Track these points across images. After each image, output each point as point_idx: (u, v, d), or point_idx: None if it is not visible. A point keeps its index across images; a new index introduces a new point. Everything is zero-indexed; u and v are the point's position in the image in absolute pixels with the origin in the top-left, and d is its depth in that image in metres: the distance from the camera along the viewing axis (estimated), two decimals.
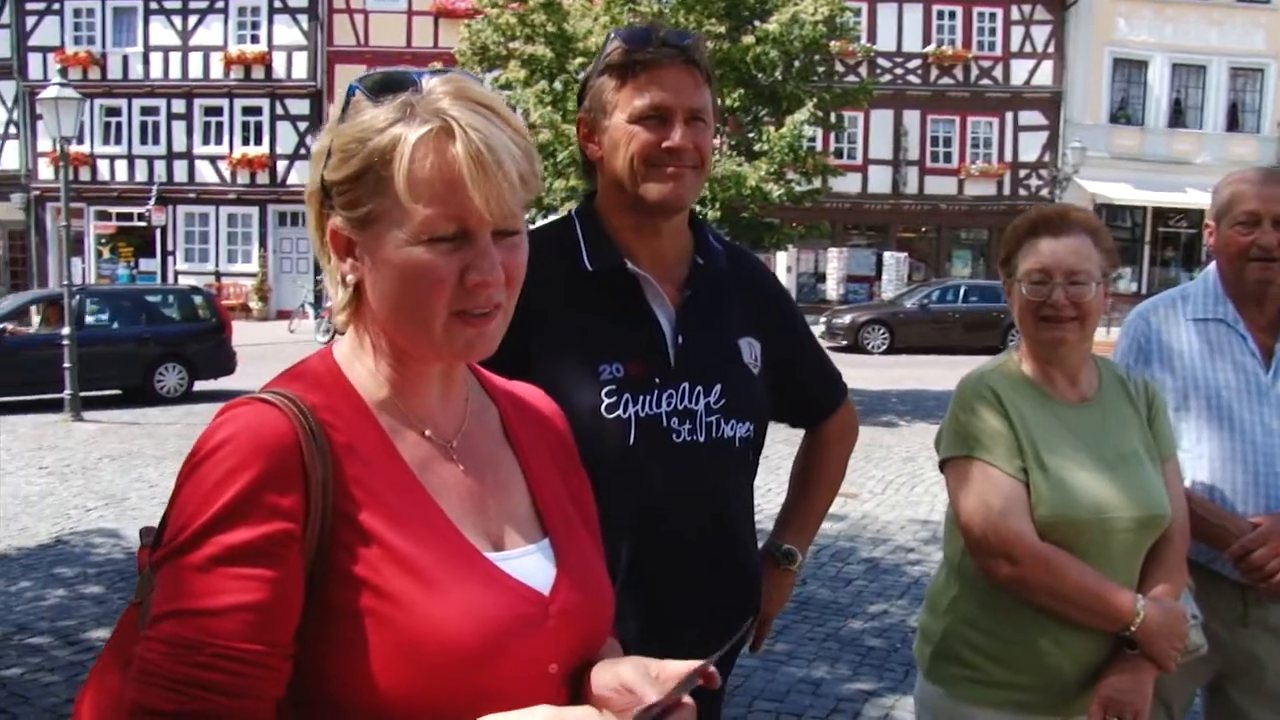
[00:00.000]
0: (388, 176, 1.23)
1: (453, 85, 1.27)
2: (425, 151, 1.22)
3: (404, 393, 1.34)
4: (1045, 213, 2.46)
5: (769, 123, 16.33)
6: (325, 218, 1.31)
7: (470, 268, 1.24)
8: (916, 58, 33.64)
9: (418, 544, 1.25)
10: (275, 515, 1.18)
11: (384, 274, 1.26)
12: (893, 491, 9.83)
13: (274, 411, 1.24)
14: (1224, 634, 2.82)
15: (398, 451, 1.31)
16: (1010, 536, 2.27)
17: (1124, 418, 2.46)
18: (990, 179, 34.05)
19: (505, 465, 1.44)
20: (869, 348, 24.77)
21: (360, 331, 1.35)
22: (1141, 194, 33.27)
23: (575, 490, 1.53)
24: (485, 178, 1.22)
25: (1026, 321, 2.41)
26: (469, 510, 1.34)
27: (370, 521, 1.24)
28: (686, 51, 2.06)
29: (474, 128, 1.23)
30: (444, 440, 1.37)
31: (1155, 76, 34.95)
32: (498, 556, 1.32)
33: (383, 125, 1.24)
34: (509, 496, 1.41)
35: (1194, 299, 2.94)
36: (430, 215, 1.22)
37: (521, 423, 1.50)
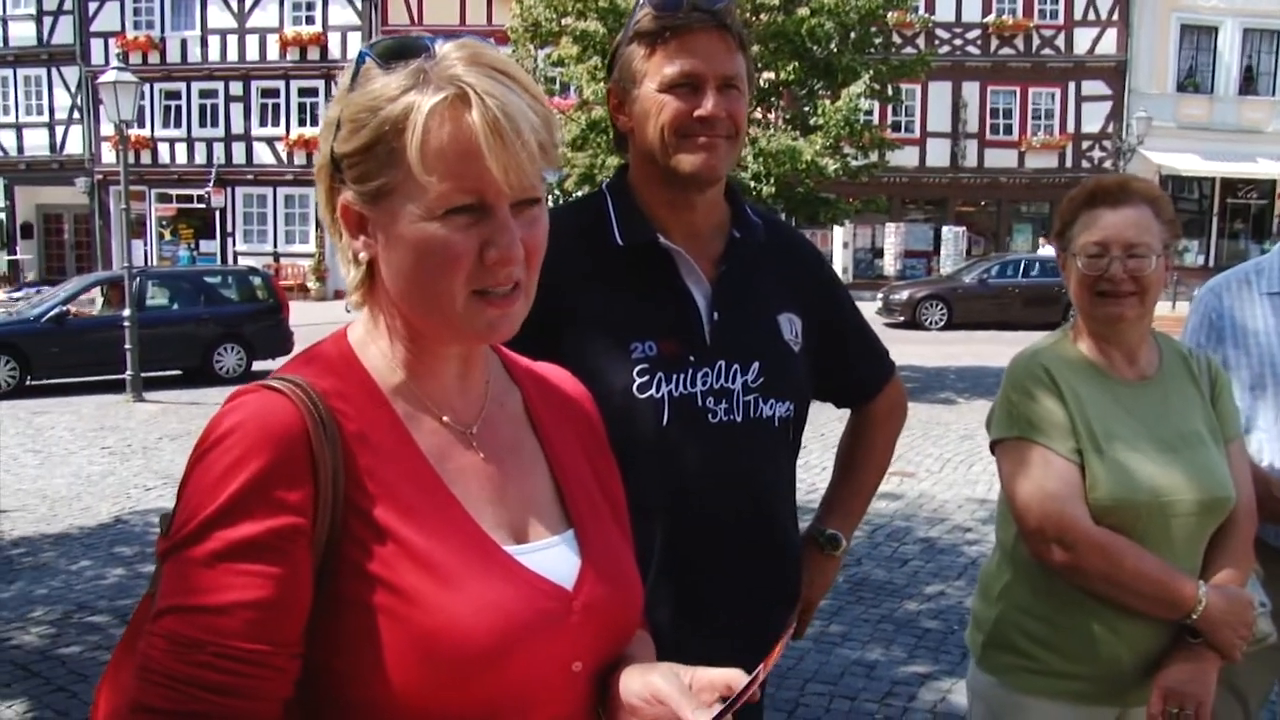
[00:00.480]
0: (400, 147, 1.16)
1: (467, 51, 1.20)
2: (440, 120, 1.15)
3: (420, 376, 1.28)
4: (1103, 182, 2.35)
5: (824, 96, 16.11)
6: (335, 192, 1.25)
7: (489, 243, 1.18)
8: (976, 28, 33.10)
9: (433, 538, 1.19)
10: (282, 509, 1.13)
11: (398, 251, 1.20)
12: (950, 470, 9.69)
13: (282, 399, 1.18)
14: None
15: (413, 439, 1.25)
16: (1065, 522, 2.18)
17: (1186, 397, 2.36)
18: (1052, 151, 33.47)
19: (528, 452, 1.37)
20: (927, 324, 24.50)
21: (375, 312, 1.29)
22: (1210, 164, 32.54)
23: (603, 477, 1.46)
24: (503, 146, 1.15)
25: (1083, 297, 2.31)
26: (489, 500, 1.28)
27: (383, 515, 1.18)
28: (718, 15, 1.96)
29: (490, 94, 1.16)
30: (463, 426, 1.30)
31: (1225, 43, 34.04)
32: (519, 550, 1.26)
33: (395, 93, 1.17)
34: (532, 485, 1.34)
35: (1269, 272, 2.82)
36: (446, 188, 1.16)
37: (546, 406, 1.43)
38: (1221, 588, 2.21)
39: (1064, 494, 2.20)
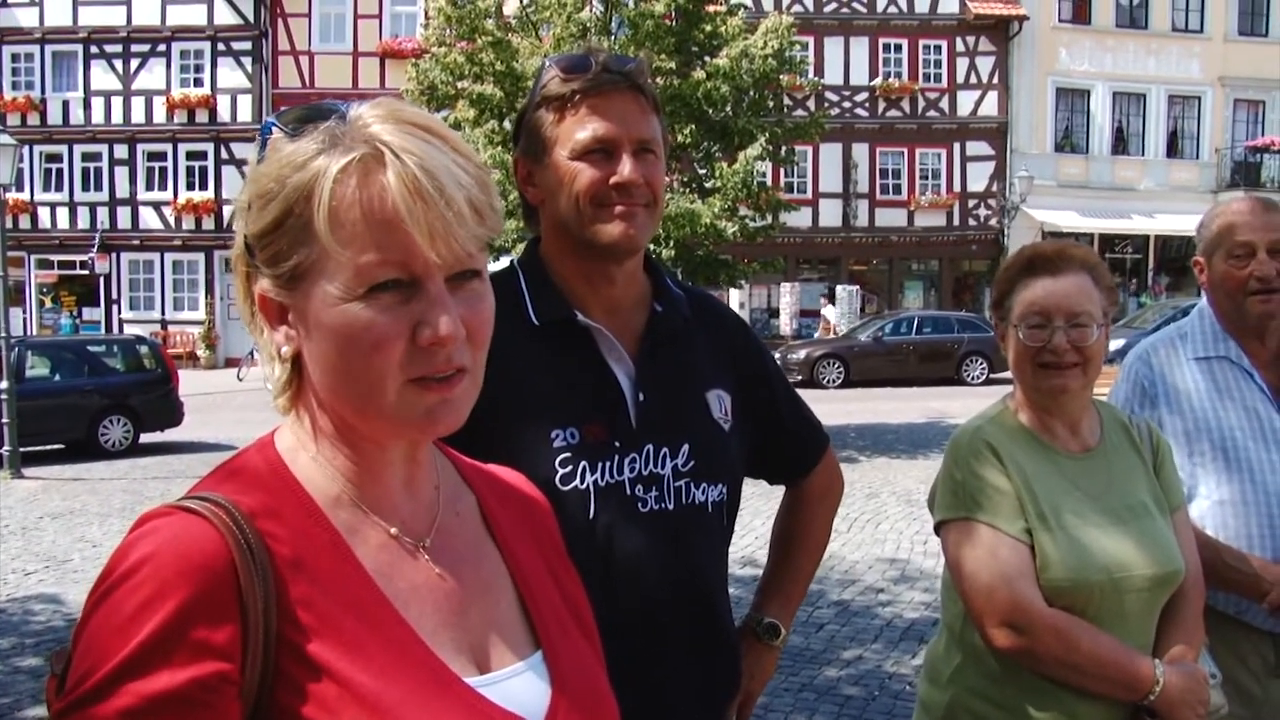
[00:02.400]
0: (310, 219, 1.03)
1: (384, 109, 1.08)
2: (349, 183, 1.02)
3: (361, 484, 1.12)
4: (1041, 250, 2.30)
5: (721, 159, 16.27)
6: (252, 281, 1.10)
7: (422, 323, 1.04)
8: (864, 91, 33.87)
9: (382, 675, 1.03)
10: (205, 653, 0.96)
11: (320, 339, 1.05)
12: (858, 530, 9.66)
13: (201, 523, 1.02)
14: (1254, 687, 2.71)
15: (356, 559, 1.09)
16: (1018, 605, 2.10)
17: (1130, 466, 2.31)
18: (940, 210, 34.26)
19: (489, 564, 1.22)
20: (824, 382, 24.72)
21: (304, 414, 1.14)
22: (1088, 221, 33.64)
23: (566, 588, 1.31)
24: (427, 209, 1.02)
25: (1024, 369, 2.25)
26: (446, 624, 1.12)
27: (322, 652, 1.02)
28: (630, 77, 1.85)
29: (408, 150, 1.03)
30: (414, 539, 1.15)
31: (1097, 105, 35.50)
32: (481, 681, 1.11)
33: (303, 159, 1.04)
34: (495, 602, 1.19)
35: (1192, 337, 2.82)
36: (366, 261, 1.02)
37: (503, 511, 1.28)
38: (1177, 665, 2.15)
39: (1014, 575, 2.13)
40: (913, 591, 7.56)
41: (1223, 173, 35.23)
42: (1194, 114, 36.63)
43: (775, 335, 31.42)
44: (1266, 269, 2.66)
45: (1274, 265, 2.67)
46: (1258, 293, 2.68)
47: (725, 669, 2.03)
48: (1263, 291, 2.67)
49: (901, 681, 5.74)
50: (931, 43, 34.23)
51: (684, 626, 1.91)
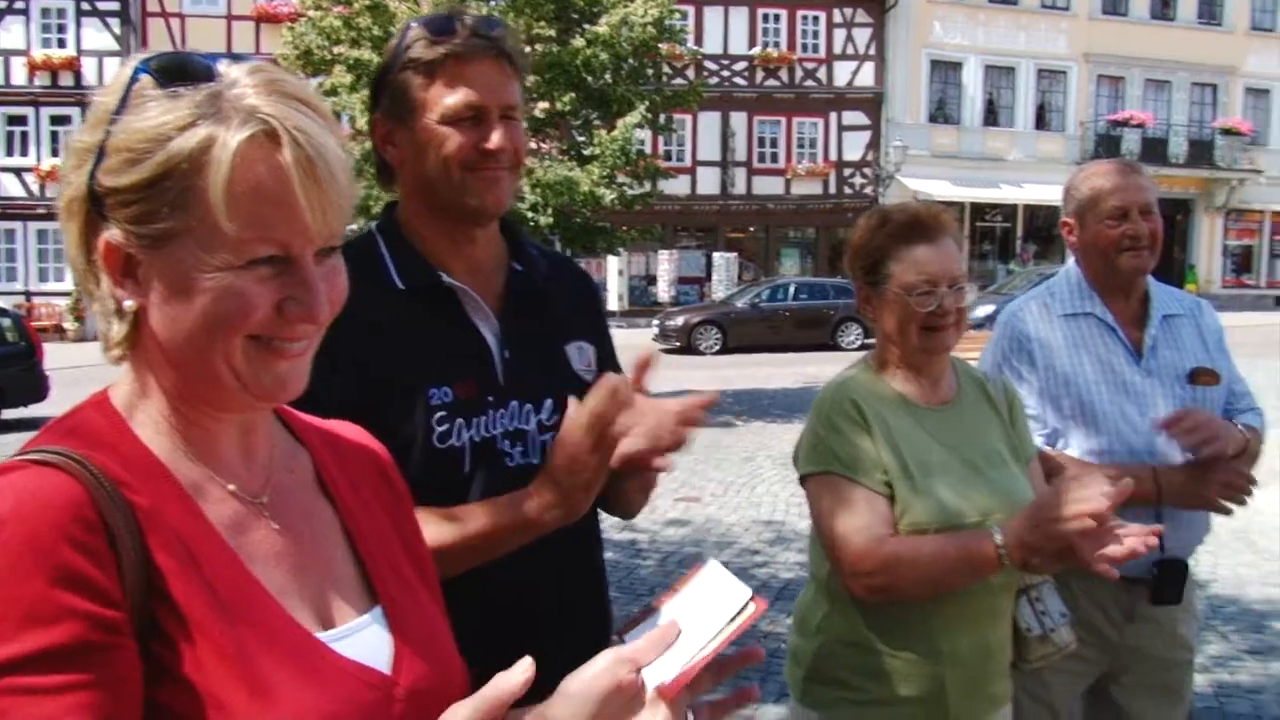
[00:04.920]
0: (197, 188, 1.01)
1: (263, 77, 1.07)
2: (248, 160, 1.01)
3: (198, 441, 1.11)
4: (916, 216, 2.37)
5: (600, 126, 16.30)
6: (93, 230, 1.06)
7: (292, 299, 1.05)
8: (743, 60, 34.16)
9: (242, 631, 1.03)
10: (90, 602, 0.94)
11: (183, 303, 1.04)
12: (734, 493, 9.85)
13: (58, 475, 0.98)
14: (1111, 632, 2.89)
15: (205, 516, 1.08)
16: (875, 551, 2.19)
17: (986, 419, 2.44)
18: (816, 178, 34.80)
19: (324, 521, 1.22)
20: (702, 349, 24.98)
21: (142, 371, 1.12)
22: (960, 190, 34.52)
23: (409, 541, 1.31)
24: (318, 191, 1.04)
25: (909, 331, 2.33)
26: (290, 581, 1.12)
27: (189, 604, 1.01)
28: (498, 43, 1.87)
29: (302, 131, 1.03)
30: (251, 496, 1.14)
31: (970, 77, 36.41)
32: (330, 636, 1.11)
33: (185, 123, 1.02)
34: (331, 559, 1.19)
35: (1060, 296, 2.99)
36: (251, 236, 1.02)
37: (341, 468, 1.28)
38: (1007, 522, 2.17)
39: (874, 525, 2.22)
40: (788, 552, 7.74)
41: (1087, 145, 36.39)
42: (1060, 88, 37.81)
43: (654, 302, 31.61)
44: (1138, 228, 2.84)
45: (1146, 224, 2.85)
46: (1129, 249, 2.86)
47: (595, 612, 2.08)
48: (1134, 249, 2.86)
49: (777, 640, 5.87)
50: (809, 14, 34.64)
51: (554, 576, 1.95)
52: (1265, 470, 9.52)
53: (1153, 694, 2.95)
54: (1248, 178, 39.42)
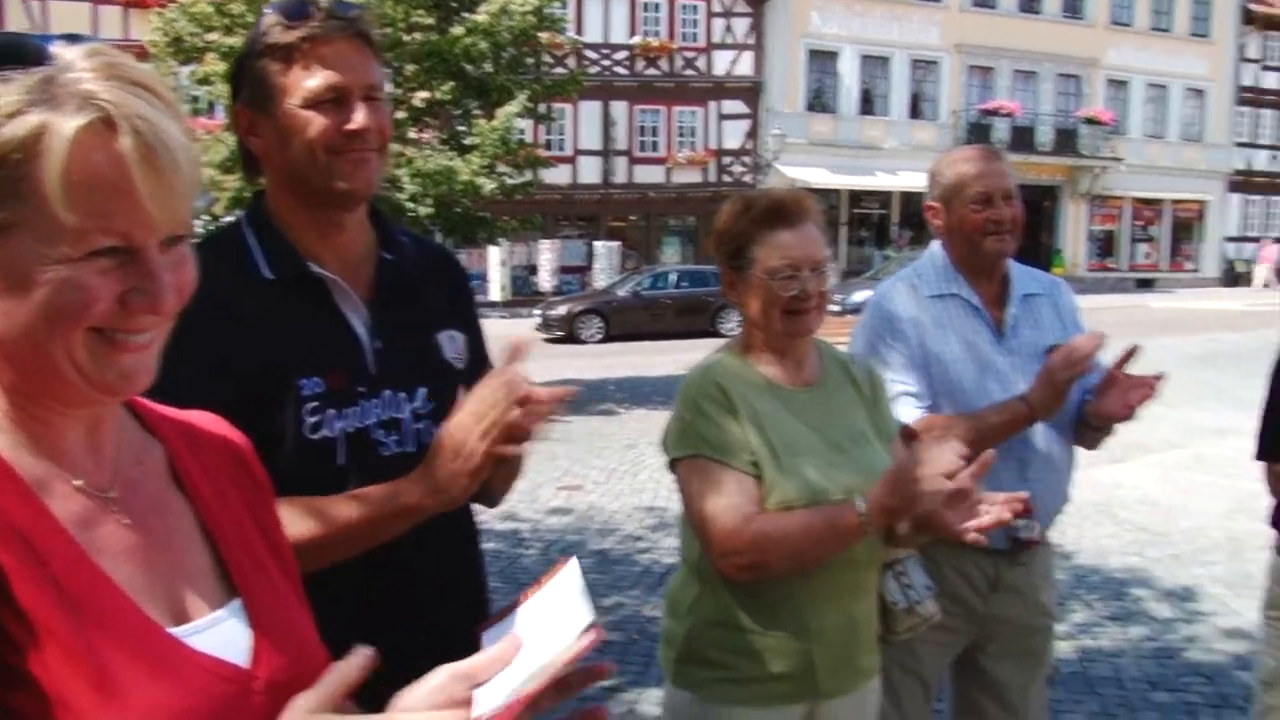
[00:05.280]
0: (28, 177, 0.96)
1: (101, 61, 1.01)
2: (84, 149, 0.97)
3: (40, 436, 1.07)
4: (779, 201, 2.41)
5: (480, 115, 16.19)
6: None
7: (136, 290, 1.02)
8: (623, 49, 34.22)
9: (88, 628, 0.99)
10: None
11: (18, 298, 0.99)
12: (616, 480, 9.90)
13: None
14: (977, 602, 3.00)
15: (49, 512, 1.04)
16: (742, 532, 2.23)
17: (848, 398, 2.49)
18: (696, 167, 35.07)
19: (177, 514, 1.18)
20: (584, 338, 25.01)
21: None
22: (837, 178, 35.15)
23: (270, 533, 1.29)
24: (159, 180, 0.99)
25: (772, 315, 2.37)
26: (142, 576, 1.08)
27: (35, 605, 0.97)
28: (355, 23, 1.85)
29: (141, 118, 0.99)
30: (99, 491, 1.10)
31: (846, 67, 37.05)
32: (183, 630, 1.08)
33: (14, 109, 0.97)
34: (185, 553, 1.16)
35: (926, 278, 3.08)
36: (90, 227, 0.98)
37: (196, 459, 1.24)
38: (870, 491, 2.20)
39: (741, 506, 2.25)
40: (671, 538, 7.76)
41: (959, 133, 37.30)
42: (933, 78, 38.74)
43: (536, 292, 31.56)
44: (1002, 213, 2.95)
45: (1008, 209, 2.96)
46: (993, 234, 2.96)
47: (472, 603, 2.07)
48: (996, 232, 2.96)
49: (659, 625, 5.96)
50: (689, 3, 34.87)
51: (432, 564, 1.96)
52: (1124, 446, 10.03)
53: (1017, 660, 3.07)
54: (1110, 165, 41.05)
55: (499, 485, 2.04)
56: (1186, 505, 8.82)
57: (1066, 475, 3.11)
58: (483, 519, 2.16)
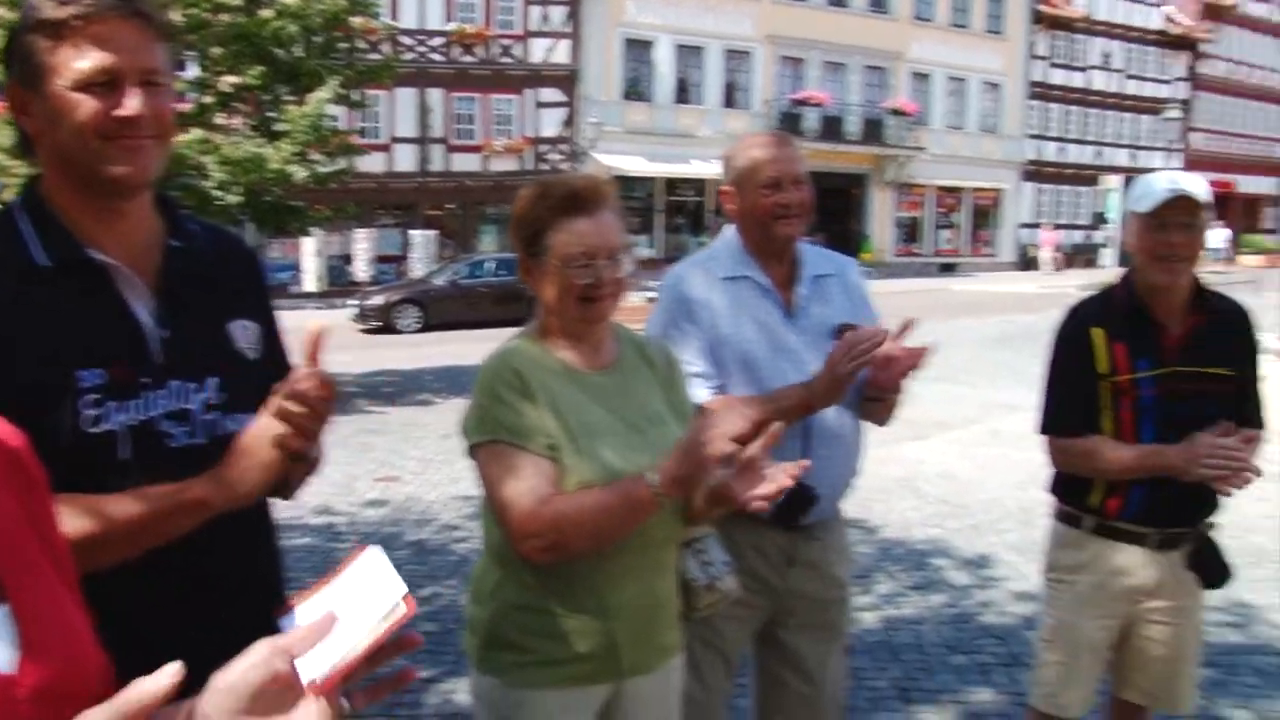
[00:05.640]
0: None
1: None
2: None
3: None
4: (575, 189, 2.40)
5: (290, 101, 15.80)
6: None
7: None
8: (439, 36, 33.83)
9: None
10: None
11: None
12: (433, 470, 9.84)
13: None
14: (774, 578, 3.09)
15: None
16: (542, 513, 2.25)
17: (645, 381, 2.53)
18: (513, 155, 34.91)
19: None
20: (401, 328, 24.69)
21: None
22: (653, 165, 35.55)
23: (46, 532, 1.21)
24: None
25: (567, 303, 2.39)
26: None
27: None
28: (132, 2, 1.76)
29: None
30: None
31: (662, 56, 37.45)
32: None
33: None
34: None
35: (720, 260, 3.14)
36: None
37: None
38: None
39: (541, 490, 2.27)
40: None
41: (771, 122, 38.04)
42: (746, 68, 39.51)
43: (351, 282, 31.01)
44: (791, 197, 3.02)
45: (797, 194, 3.03)
46: (782, 217, 3.03)
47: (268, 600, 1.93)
48: (786, 216, 3.03)
49: None
50: None
51: (224, 561, 1.91)
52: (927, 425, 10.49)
53: (814, 632, 3.18)
54: (914, 155, 42.66)
55: (294, 480, 2.00)
56: (984, 478, 9.26)
57: (855, 449, 3.20)
58: (297, 513, 2.16)
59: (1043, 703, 3.41)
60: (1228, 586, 3.31)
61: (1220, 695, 4.97)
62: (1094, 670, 3.37)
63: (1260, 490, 2.96)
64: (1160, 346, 3.16)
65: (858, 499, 8.00)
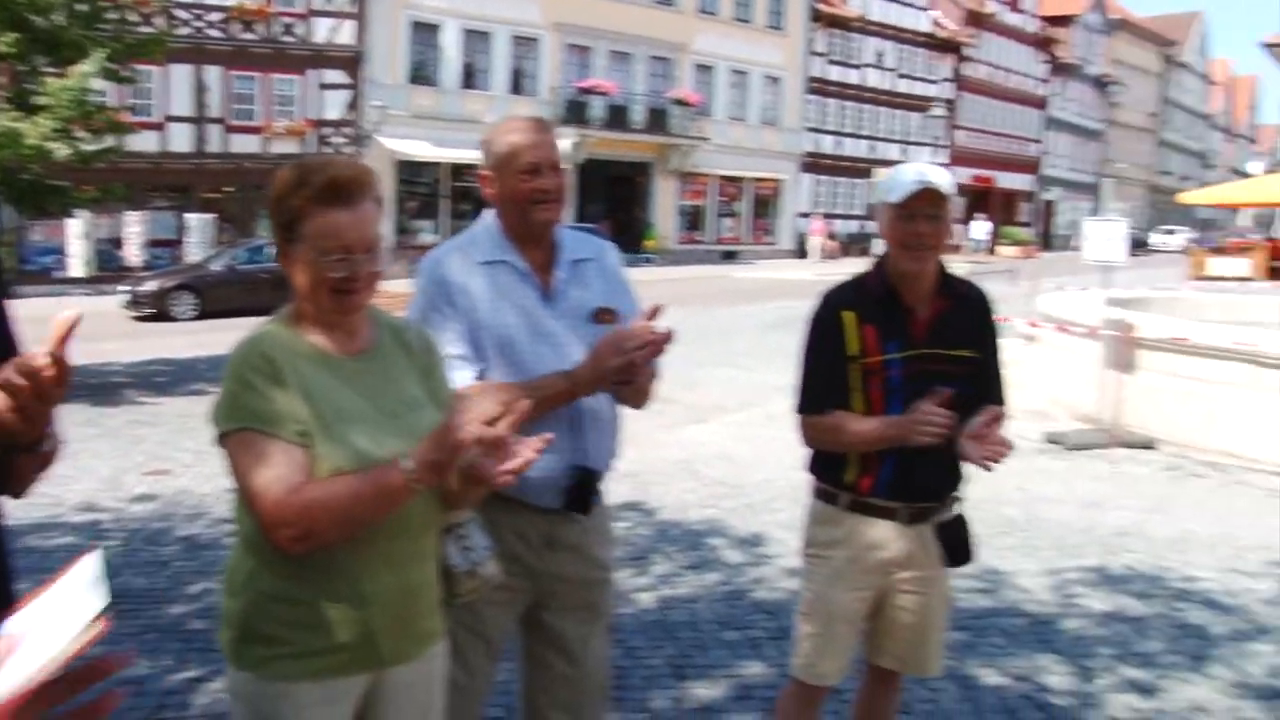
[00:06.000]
0: None
1: None
2: None
3: None
4: (335, 179, 2.33)
5: (50, 73, 14.95)
6: None
7: None
8: (217, 11, 32.53)
9: None
10: None
11: None
12: (207, 463, 9.36)
13: None
14: (533, 560, 3.11)
15: None
16: (293, 501, 2.21)
17: (402, 366, 2.50)
18: (295, 137, 33.92)
19: None
20: (176, 315, 23.75)
21: None
22: (440, 151, 35.11)
23: None
24: None
25: (321, 295, 2.34)
26: None
27: None
28: None
29: None
30: None
31: (448, 40, 37.03)
32: None
33: None
34: None
35: (479, 244, 3.14)
36: None
37: None
38: None
39: (291, 478, 2.23)
40: None
41: (557, 109, 38.22)
42: (534, 55, 39.50)
43: (123, 267, 29.62)
44: (549, 182, 3.04)
45: (553, 179, 3.05)
46: (540, 202, 3.05)
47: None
48: (544, 201, 3.05)
49: None
50: None
51: None
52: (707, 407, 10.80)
53: (577, 613, 3.22)
54: (697, 144, 43.56)
55: (25, 475, 1.94)
56: (759, 459, 9.53)
57: (612, 432, 3.24)
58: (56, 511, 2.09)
59: (802, 673, 3.54)
60: (976, 560, 3.53)
61: (969, 656, 5.29)
62: (850, 640, 3.52)
63: (1007, 464, 3.15)
64: (908, 330, 3.31)
65: (636, 482, 8.38)
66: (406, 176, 36.21)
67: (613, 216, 40.05)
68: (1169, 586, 6.56)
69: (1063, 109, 70.21)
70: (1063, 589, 6.44)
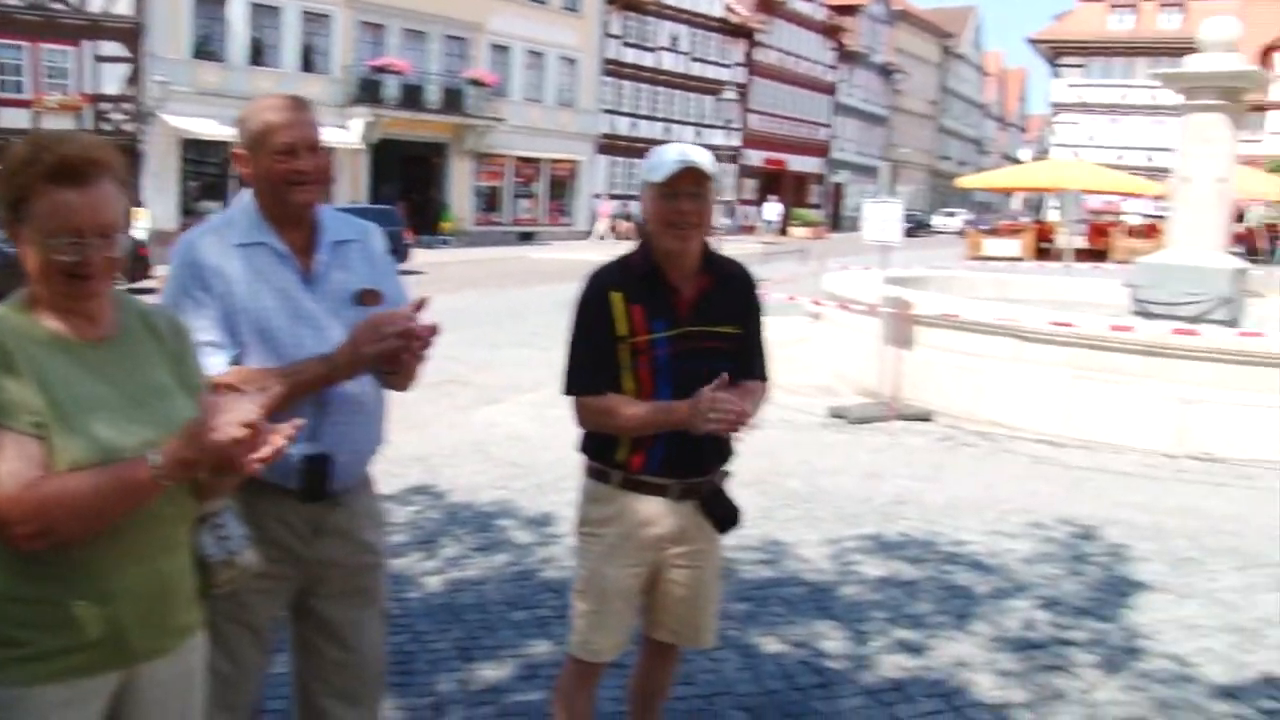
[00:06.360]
0: None
1: None
2: None
3: None
4: (66, 158, 2.20)
5: None
6: None
7: None
8: None
9: None
10: None
11: None
12: None
13: None
14: (299, 547, 3.05)
15: None
16: (27, 498, 2.10)
17: (149, 352, 2.40)
18: (70, 112, 32.27)
19: None
20: None
21: None
22: (227, 129, 33.48)
23: None
24: None
25: (51, 278, 2.22)
26: None
27: None
28: None
29: None
30: None
31: (235, 15, 35.90)
32: None
33: None
34: None
35: (236, 226, 3.04)
36: None
37: None
38: None
39: (24, 472, 2.12)
40: None
41: (350, 88, 37.57)
42: (325, 32, 38.61)
43: None
44: (304, 164, 2.94)
45: (311, 160, 2.96)
46: (297, 184, 2.96)
47: None
48: (301, 183, 2.96)
49: None
50: None
51: None
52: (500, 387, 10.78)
53: (348, 599, 3.17)
54: (493, 125, 43.41)
55: None
56: (551, 438, 9.40)
57: (377, 417, 3.21)
58: None
59: (578, 650, 3.57)
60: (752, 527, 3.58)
61: (751, 626, 5.48)
62: (626, 616, 3.56)
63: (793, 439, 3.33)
64: (674, 308, 3.37)
65: (427, 466, 8.29)
66: (193, 156, 34.92)
67: (408, 198, 39.51)
68: (939, 550, 6.90)
69: (850, 95, 72.80)
70: (841, 557, 6.68)
